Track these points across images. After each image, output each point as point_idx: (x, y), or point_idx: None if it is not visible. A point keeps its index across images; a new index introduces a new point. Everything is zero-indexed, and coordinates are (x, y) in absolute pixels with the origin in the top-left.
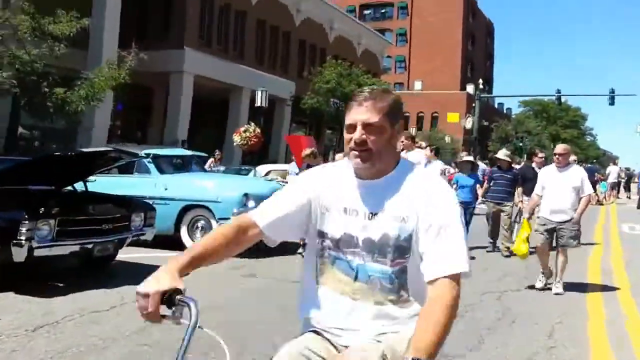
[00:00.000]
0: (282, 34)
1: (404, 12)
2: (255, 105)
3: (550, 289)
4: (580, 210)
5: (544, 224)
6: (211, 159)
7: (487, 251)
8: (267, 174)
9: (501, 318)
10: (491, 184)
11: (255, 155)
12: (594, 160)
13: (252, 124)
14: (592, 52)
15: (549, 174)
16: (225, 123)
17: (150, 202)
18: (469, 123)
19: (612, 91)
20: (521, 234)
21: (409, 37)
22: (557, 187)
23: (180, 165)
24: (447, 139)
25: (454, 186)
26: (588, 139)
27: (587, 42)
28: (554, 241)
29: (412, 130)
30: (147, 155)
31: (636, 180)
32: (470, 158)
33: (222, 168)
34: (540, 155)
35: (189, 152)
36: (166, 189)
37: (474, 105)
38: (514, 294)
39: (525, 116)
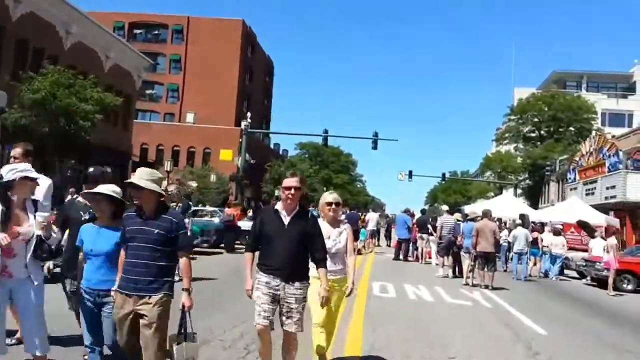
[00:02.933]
0: None
1: (179, 37)
2: None
3: None
4: None
5: None
6: None
7: None
8: None
9: None
10: None
11: None
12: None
13: None
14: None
15: None
16: None
17: None
18: (241, 161)
19: (376, 134)
20: None
21: (183, 65)
22: None
23: None
24: (213, 177)
25: None
26: (358, 185)
27: (355, 88)
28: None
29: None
30: None
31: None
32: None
33: None
34: None
35: None
36: None
37: (240, 140)
38: None
39: (300, 159)
